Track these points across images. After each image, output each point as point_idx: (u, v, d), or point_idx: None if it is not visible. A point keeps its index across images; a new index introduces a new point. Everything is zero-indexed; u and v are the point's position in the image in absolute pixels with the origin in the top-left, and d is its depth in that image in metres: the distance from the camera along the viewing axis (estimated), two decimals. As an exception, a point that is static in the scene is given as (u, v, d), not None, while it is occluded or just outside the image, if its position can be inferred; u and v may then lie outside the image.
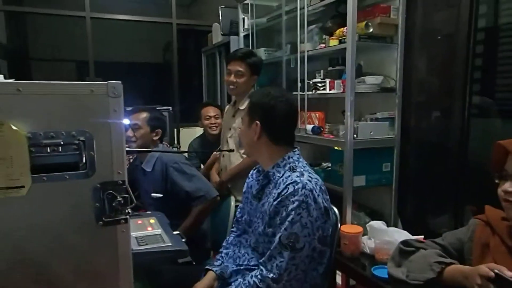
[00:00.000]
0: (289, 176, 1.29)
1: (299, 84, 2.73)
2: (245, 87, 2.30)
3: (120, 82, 0.88)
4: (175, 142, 4.32)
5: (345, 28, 2.38)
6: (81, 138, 0.85)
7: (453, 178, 2.17)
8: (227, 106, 2.55)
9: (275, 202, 1.23)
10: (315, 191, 1.24)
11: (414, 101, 2.37)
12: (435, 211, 2.37)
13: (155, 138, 2.02)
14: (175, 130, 4.34)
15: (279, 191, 1.26)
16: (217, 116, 2.90)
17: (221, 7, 3.86)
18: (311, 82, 2.70)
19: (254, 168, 1.55)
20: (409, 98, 2.37)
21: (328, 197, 1.33)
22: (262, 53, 3.31)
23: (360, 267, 1.83)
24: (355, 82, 2.23)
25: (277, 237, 1.20)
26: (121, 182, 0.89)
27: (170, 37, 4.57)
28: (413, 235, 2.00)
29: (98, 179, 0.87)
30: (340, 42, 2.41)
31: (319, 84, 2.66)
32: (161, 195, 1.85)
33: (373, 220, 2.51)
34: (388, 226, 2.47)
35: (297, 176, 1.26)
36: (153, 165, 1.91)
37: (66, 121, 0.84)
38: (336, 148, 2.43)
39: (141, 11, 4.53)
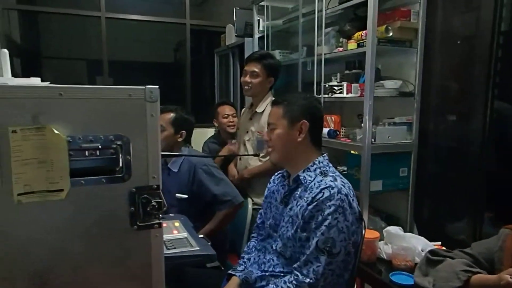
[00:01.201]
0: (321, 180, 1.28)
1: (315, 87, 2.73)
2: (260, 88, 2.30)
3: (157, 87, 0.88)
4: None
5: (363, 31, 2.37)
6: (119, 143, 0.85)
7: (472, 184, 2.16)
8: (244, 109, 2.55)
9: (310, 207, 1.22)
10: (350, 195, 1.25)
11: (433, 105, 2.35)
12: (452, 217, 2.35)
13: (180, 140, 2.00)
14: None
15: (313, 195, 1.25)
16: (234, 114, 2.90)
17: (235, 9, 3.87)
18: (327, 85, 2.69)
19: (276, 173, 1.55)
20: (428, 103, 2.35)
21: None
22: (277, 55, 3.30)
23: (377, 273, 1.82)
24: (374, 86, 2.22)
25: (314, 241, 1.20)
26: (155, 186, 0.90)
27: (183, 36, 4.58)
28: (429, 241, 1.99)
29: (134, 184, 0.87)
30: (359, 45, 2.40)
31: (336, 88, 2.65)
32: (186, 196, 1.85)
33: (388, 225, 2.49)
34: (404, 231, 2.47)
35: (331, 181, 1.26)
36: (180, 165, 1.91)
37: (104, 125, 0.84)
38: (352, 152, 2.42)
39: (155, 11, 4.55)
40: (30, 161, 0.78)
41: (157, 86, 0.89)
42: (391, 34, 2.25)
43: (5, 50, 0.90)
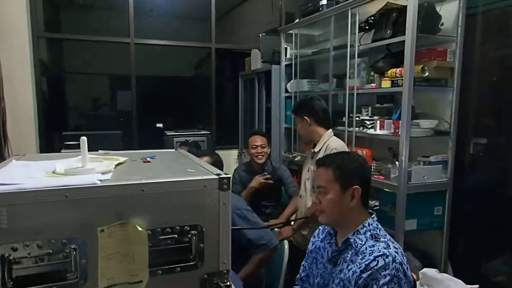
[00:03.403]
0: (373, 245, 1.29)
1: (346, 120, 2.74)
2: (309, 131, 2.33)
3: (230, 176, 0.91)
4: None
5: (397, 69, 2.38)
6: (193, 232, 0.88)
7: (510, 222, 2.12)
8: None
9: (364, 275, 1.23)
10: (404, 263, 1.25)
11: (469, 144, 2.33)
12: (489, 257, 2.31)
13: None
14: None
15: (366, 262, 1.25)
16: (263, 145, 2.91)
17: (261, 35, 3.91)
18: (358, 119, 2.70)
19: (320, 228, 1.56)
20: (463, 141, 2.33)
21: None
22: (305, 84, 3.33)
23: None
24: (410, 126, 2.21)
25: None
26: (225, 271, 0.92)
27: (206, 55, 4.64)
28: (466, 282, 1.96)
29: (206, 270, 0.90)
30: (393, 83, 2.40)
31: (367, 122, 2.65)
32: None
33: (422, 263, 2.47)
34: (438, 270, 2.44)
35: (385, 248, 1.26)
36: None
37: (181, 216, 0.87)
38: (386, 189, 2.41)
39: (179, 33, 4.63)
40: (114, 256, 0.81)
41: (230, 175, 0.91)
42: (427, 74, 2.24)
43: (84, 138, 0.94)
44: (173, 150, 1.44)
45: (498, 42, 2.25)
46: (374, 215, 1.41)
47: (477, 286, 2.07)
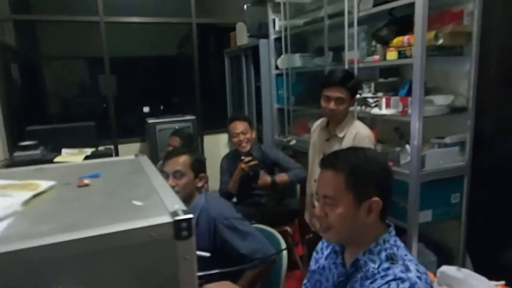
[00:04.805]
0: (388, 269, 0.99)
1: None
2: (345, 113, 1.96)
3: (191, 216, 0.58)
4: (200, 152, 4.04)
5: (404, 37, 2.04)
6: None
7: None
8: (315, 126, 2.17)
9: None
10: None
11: (489, 122, 2.02)
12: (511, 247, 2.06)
13: (200, 185, 1.69)
14: (199, 138, 4.06)
15: (375, 286, 0.96)
16: (244, 131, 2.55)
17: (246, 5, 3.50)
18: (360, 96, 2.36)
19: (323, 242, 1.25)
20: (483, 119, 2.02)
21: None
22: (297, 59, 2.97)
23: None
24: (423, 105, 1.89)
25: None
26: None
27: (187, 32, 4.21)
28: (487, 276, 1.71)
29: None
30: (400, 53, 2.06)
31: (370, 100, 2.32)
32: (208, 254, 1.56)
33: (438, 257, 2.22)
34: (454, 263, 2.19)
35: (402, 272, 0.96)
36: (197, 218, 1.62)
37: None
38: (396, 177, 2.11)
39: (157, 9, 4.18)
40: None
41: (191, 216, 0.59)
42: (441, 41, 1.90)
43: None
44: (132, 157, 1.11)
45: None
46: (391, 228, 1.09)
47: (503, 282, 1.82)
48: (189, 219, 0.58)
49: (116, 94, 3.95)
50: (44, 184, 0.78)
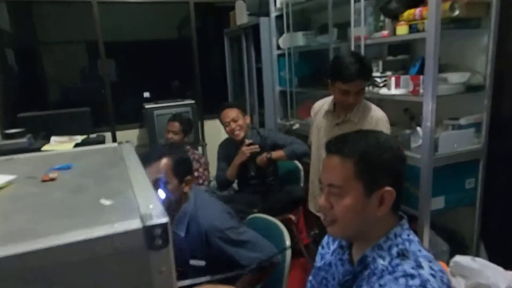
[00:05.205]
0: (398, 265, 0.88)
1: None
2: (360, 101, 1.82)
3: (165, 221, 0.46)
4: (200, 138, 3.91)
5: (416, 9, 1.87)
6: None
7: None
8: (318, 108, 1.99)
9: None
10: None
11: (508, 101, 1.87)
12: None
13: (186, 189, 1.45)
14: (199, 124, 3.92)
15: (382, 282, 0.85)
16: (235, 118, 2.41)
17: (246, -19, 3.31)
18: (367, 76, 2.21)
19: (329, 236, 1.13)
20: (502, 98, 1.87)
21: None
22: (300, 38, 2.80)
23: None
24: (437, 83, 1.74)
25: None
26: None
27: (186, 13, 4.03)
28: (503, 265, 1.60)
29: None
30: (411, 28, 1.90)
31: (378, 80, 2.17)
32: (203, 263, 1.43)
33: (451, 246, 2.10)
34: (468, 252, 2.08)
35: (413, 268, 0.85)
36: (187, 227, 1.43)
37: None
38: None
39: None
40: None
41: (166, 221, 0.46)
42: (456, 13, 1.74)
43: None
44: (115, 144, 0.98)
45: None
46: (404, 220, 0.97)
47: (522, 272, 1.71)
48: (164, 224, 0.46)
49: (115, 79, 3.81)
50: (1, 179, 0.66)
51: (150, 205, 0.51)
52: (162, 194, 1.28)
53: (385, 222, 0.94)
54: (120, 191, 0.59)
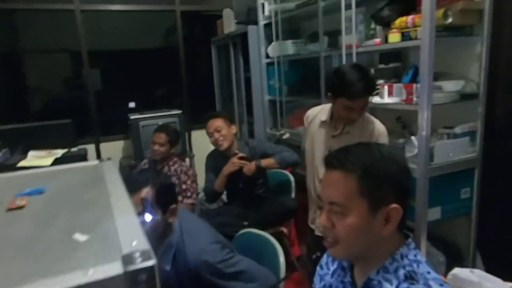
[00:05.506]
0: None
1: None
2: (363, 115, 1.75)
3: (152, 264, 0.38)
4: (188, 149, 3.81)
5: (408, 17, 1.85)
6: None
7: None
8: (312, 118, 1.88)
9: None
10: None
11: (502, 109, 1.85)
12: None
13: (171, 219, 1.33)
14: (186, 134, 3.82)
15: None
16: (218, 128, 2.32)
17: (233, -10, 3.27)
18: (358, 85, 2.17)
19: (328, 255, 1.06)
20: (495, 106, 1.85)
21: None
22: (289, 46, 2.76)
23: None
24: (432, 92, 1.70)
25: None
26: None
27: (172, 22, 3.96)
28: (500, 276, 1.56)
29: None
30: (403, 35, 1.87)
31: (371, 88, 2.13)
32: None
33: (447, 256, 2.06)
34: (464, 263, 2.03)
35: None
36: (172, 260, 1.31)
37: None
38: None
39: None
40: None
41: (153, 262, 0.38)
42: (450, 20, 1.71)
43: None
44: (96, 162, 0.89)
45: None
46: (410, 239, 0.90)
47: (520, 283, 1.67)
48: (151, 267, 0.38)
49: (100, 89, 3.70)
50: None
51: (134, 241, 0.42)
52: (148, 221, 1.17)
53: (390, 242, 0.87)
54: (99, 221, 0.51)
